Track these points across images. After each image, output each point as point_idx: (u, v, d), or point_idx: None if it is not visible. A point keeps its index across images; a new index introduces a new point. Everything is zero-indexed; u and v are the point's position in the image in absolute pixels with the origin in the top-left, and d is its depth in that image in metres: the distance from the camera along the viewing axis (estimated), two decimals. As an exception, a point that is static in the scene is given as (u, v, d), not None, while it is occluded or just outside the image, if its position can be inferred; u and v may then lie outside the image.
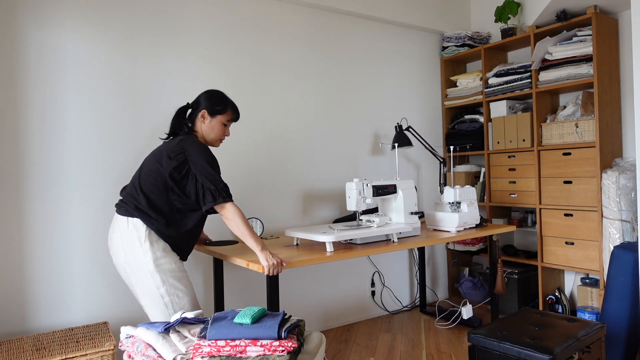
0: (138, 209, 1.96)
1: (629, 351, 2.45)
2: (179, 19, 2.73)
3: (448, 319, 3.34)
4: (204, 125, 2.12)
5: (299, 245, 2.47)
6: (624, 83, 3.07)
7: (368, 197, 2.51)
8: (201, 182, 1.97)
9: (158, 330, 1.58)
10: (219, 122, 2.13)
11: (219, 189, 1.97)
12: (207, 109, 2.10)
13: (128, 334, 1.68)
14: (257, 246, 1.98)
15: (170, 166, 1.96)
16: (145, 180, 2.00)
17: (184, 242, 2.06)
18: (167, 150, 2.01)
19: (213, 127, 2.12)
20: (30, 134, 2.33)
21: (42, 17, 2.36)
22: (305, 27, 3.21)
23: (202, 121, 2.12)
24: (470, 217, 2.87)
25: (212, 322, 1.53)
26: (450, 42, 3.83)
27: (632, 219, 2.78)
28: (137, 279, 1.97)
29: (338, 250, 2.29)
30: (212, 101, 2.12)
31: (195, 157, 1.98)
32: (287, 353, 1.42)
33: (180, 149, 1.99)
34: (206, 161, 1.99)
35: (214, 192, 1.96)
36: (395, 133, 3.38)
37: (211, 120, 2.12)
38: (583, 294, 3.08)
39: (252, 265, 2.04)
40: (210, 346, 1.45)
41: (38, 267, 2.34)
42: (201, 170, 1.97)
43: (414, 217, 2.68)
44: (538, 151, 3.23)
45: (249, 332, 1.47)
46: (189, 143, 2.01)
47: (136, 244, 1.94)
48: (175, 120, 2.15)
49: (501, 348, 1.88)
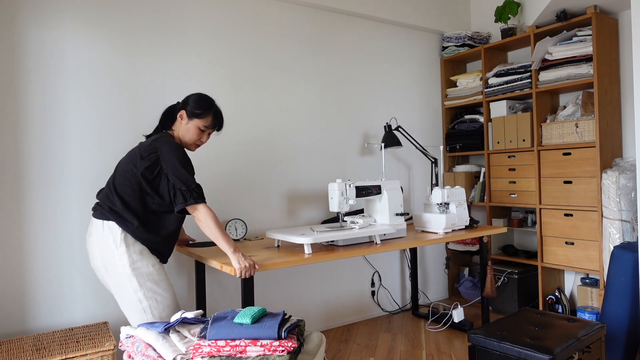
0: (113, 212, 1.92)
1: (629, 351, 2.45)
2: (179, 19, 2.73)
3: (440, 322, 3.29)
4: (181, 126, 2.09)
5: (280, 247, 2.41)
6: (624, 83, 3.07)
7: (351, 198, 2.45)
8: (172, 183, 1.92)
9: (158, 330, 1.58)
10: (195, 125, 2.07)
11: (190, 189, 1.92)
12: (186, 110, 2.07)
13: (128, 334, 1.68)
14: (229, 248, 1.93)
15: (142, 166, 1.92)
16: (120, 182, 1.95)
17: (162, 245, 2.02)
18: (140, 149, 1.97)
19: (188, 130, 2.08)
20: (30, 134, 2.33)
21: (42, 17, 2.36)
22: (305, 27, 3.21)
23: (180, 121, 2.08)
24: (459, 218, 2.82)
25: (212, 322, 1.53)
26: (450, 42, 3.83)
27: (632, 219, 2.78)
28: (114, 283, 1.93)
29: (319, 252, 2.22)
30: (195, 104, 2.07)
31: (167, 157, 1.94)
32: (287, 353, 1.42)
33: (153, 148, 1.95)
34: (178, 160, 1.94)
35: (185, 193, 1.91)
36: (385, 133, 3.32)
37: (188, 122, 2.07)
38: (583, 294, 3.08)
39: (226, 268, 1.98)
40: (210, 346, 1.45)
41: (38, 267, 2.34)
42: (172, 170, 1.92)
43: (400, 218, 2.63)
44: (538, 151, 3.23)
45: (249, 332, 1.47)
46: (161, 142, 1.97)
47: (112, 247, 1.91)
48: (161, 118, 2.14)
49: (501, 348, 1.88)
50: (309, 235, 2.22)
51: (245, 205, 2.95)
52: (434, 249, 3.89)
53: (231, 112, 2.90)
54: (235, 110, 2.92)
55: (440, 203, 2.82)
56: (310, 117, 3.23)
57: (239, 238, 2.72)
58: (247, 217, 2.96)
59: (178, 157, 1.95)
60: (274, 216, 3.07)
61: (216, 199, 2.84)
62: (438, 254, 3.92)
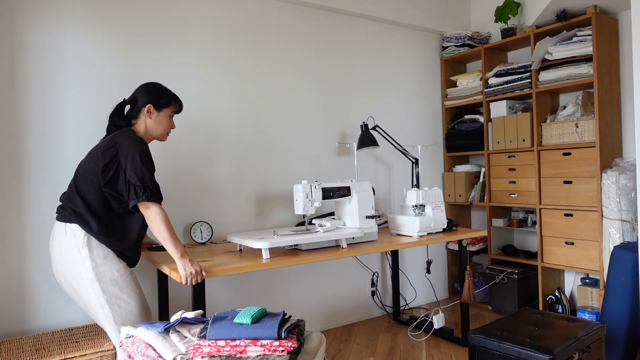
0: (75, 213, 1.86)
1: (629, 351, 2.45)
2: (179, 19, 2.73)
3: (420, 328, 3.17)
4: (149, 121, 2.01)
5: (242, 251, 2.33)
6: (624, 83, 3.07)
7: (317, 200, 2.37)
8: (128, 177, 1.83)
9: (158, 330, 1.58)
10: (165, 115, 2.04)
11: (145, 186, 1.83)
12: (152, 103, 1.99)
13: (128, 334, 1.68)
14: (177, 253, 1.84)
15: (102, 163, 1.85)
16: (81, 182, 1.89)
17: (127, 248, 1.94)
18: (99, 147, 1.90)
19: (161, 121, 2.03)
20: (30, 134, 2.33)
21: (42, 17, 2.36)
22: (304, 27, 3.21)
23: (147, 116, 2.00)
24: (436, 221, 2.72)
25: (212, 322, 1.53)
26: (450, 42, 3.83)
27: (632, 219, 2.78)
28: (77, 288, 1.88)
29: (279, 257, 2.14)
30: (156, 94, 2.01)
31: (126, 151, 1.85)
32: (287, 353, 1.42)
33: (112, 143, 1.87)
34: (139, 155, 1.85)
35: (138, 189, 1.82)
36: (361, 132, 3.14)
37: (158, 115, 2.02)
38: (583, 294, 3.08)
39: (174, 274, 1.90)
40: (210, 346, 1.45)
41: (38, 267, 2.34)
42: (130, 164, 1.83)
43: (370, 221, 2.54)
44: (538, 151, 3.23)
45: (249, 332, 1.47)
46: (122, 137, 1.89)
47: (74, 251, 1.85)
48: (112, 117, 2.02)
49: (501, 348, 1.88)
50: (268, 239, 2.13)
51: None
52: (438, 249, 3.89)
53: (224, 109, 2.90)
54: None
55: (416, 205, 2.72)
56: (311, 117, 3.23)
57: (205, 241, 2.66)
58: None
59: (139, 151, 1.86)
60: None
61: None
62: (442, 254, 3.91)
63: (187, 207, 2.75)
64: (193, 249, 2.47)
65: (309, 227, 2.44)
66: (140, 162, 1.85)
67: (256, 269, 2.04)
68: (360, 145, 3.09)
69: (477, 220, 3.98)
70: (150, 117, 2.01)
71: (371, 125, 3.36)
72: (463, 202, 3.74)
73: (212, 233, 2.72)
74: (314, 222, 2.54)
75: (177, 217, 2.71)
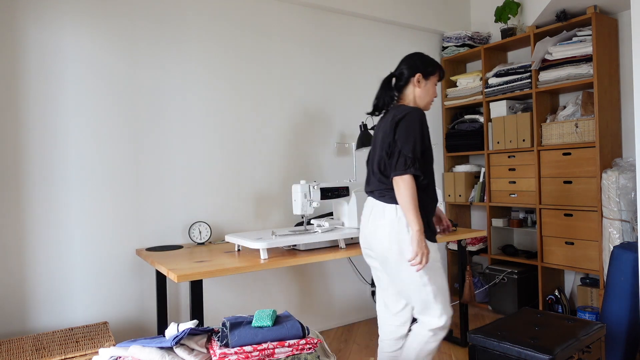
0: None
1: (629, 351, 2.45)
2: (179, 19, 2.73)
3: None
4: (418, 90, 2.05)
5: (241, 252, 2.33)
6: (624, 83, 3.07)
7: (315, 200, 2.38)
8: (399, 148, 1.88)
9: (158, 346, 1.45)
10: (432, 83, 2.08)
11: (415, 158, 1.87)
12: (422, 73, 2.04)
13: (113, 356, 1.41)
14: (416, 225, 1.84)
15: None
16: None
17: (428, 223, 1.98)
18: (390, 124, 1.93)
19: (428, 90, 2.07)
20: (30, 135, 2.33)
21: (43, 18, 2.36)
22: (304, 27, 3.21)
23: (417, 85, 2.05)
24: None
25: (230, 329, 1.49)
26: (450, 42, 3.83)
27: (632, 219, 2.78)
28: (399, 268, 1.93)
29: (278, 258, 2.14)
30: (426, 63, 2.06)
31: (412, 126, 1.90)
32: (314, 350, 1.43)
33: (398, 122, 1.92)
34: (420, 134, 1.90)
35: (409, 161, 1.86)
36: (360, 132, 3.11)
37: (426, 83, 2.06)
38: (583, 294, 3.08)
39: (172, 274, 1.89)
40: (237, 353, 1.40)
41: (38, 267, 2.34)
42: (413, 137, 1.89)
43: None
44: (538, 151, 3.23)
45: (274, 334, 1.45)
46: (411, 118, 1.92)
47: (403, 232, 1.89)
48: (382, 92, 2.07)
49: (501, 348, 1.88)
50: (266, 239, 2.14)
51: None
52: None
53: (224, 109, 2.90)
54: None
55: None
56: (310, 116, 3.23)
57: (203, 241, 2.65)
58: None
59: (423, 132, 1.92)
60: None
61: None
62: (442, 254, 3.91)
63: (186, 207, 2.75)
64: (191, 249, 2.48)
65: (307, 228, 2.45)
66: (420, 141, 1.90)
67: (254, 269, 2.04)
68: (359, 145, 3.09)
69: (477, 220, 3.98)
70: (419, 86, 2.05)
71: (370, 125, 3.35)
72: (463, 202, 3.74)
73: (211, 233, 2.73)
74: (313, 222, 2.54)
75: (175, 217, 2.71)
